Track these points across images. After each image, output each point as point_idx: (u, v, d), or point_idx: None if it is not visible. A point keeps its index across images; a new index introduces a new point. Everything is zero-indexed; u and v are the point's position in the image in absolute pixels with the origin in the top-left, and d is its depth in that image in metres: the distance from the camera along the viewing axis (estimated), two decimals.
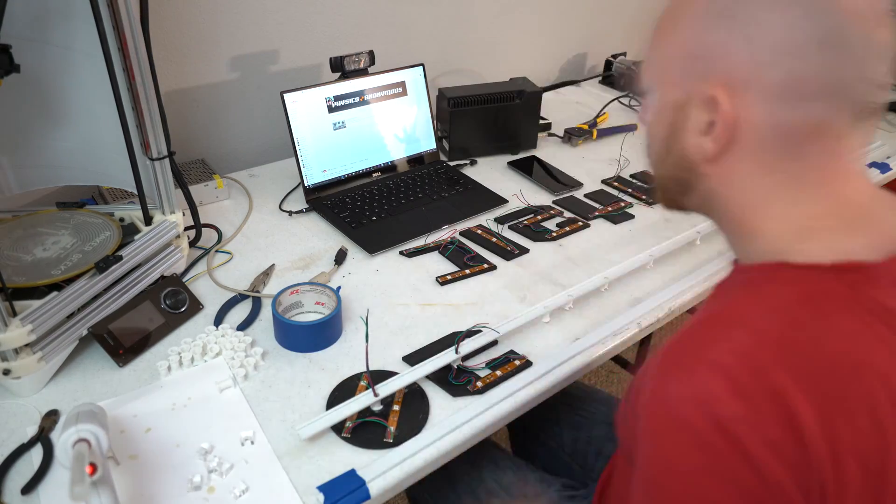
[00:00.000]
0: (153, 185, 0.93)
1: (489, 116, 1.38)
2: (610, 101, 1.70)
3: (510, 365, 0.85)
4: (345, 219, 1.15)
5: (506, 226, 1.17)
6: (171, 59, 1.22)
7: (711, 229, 1.11)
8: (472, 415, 0.77)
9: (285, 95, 1.15)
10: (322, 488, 0.68)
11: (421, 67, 1.31)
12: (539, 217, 1.19)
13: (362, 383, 0.82)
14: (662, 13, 0.55)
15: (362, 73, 1.24)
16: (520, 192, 1.27)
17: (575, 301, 0.96)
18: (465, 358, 0.85)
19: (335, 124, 1.22)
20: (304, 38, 1.36)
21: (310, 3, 1.34)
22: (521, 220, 1.18)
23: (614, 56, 1.85)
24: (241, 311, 0.93)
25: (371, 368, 0.80)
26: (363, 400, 0.77)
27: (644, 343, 1.60)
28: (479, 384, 0.82)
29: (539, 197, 1.27)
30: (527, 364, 0.85)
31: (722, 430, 0.43)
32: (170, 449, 0.73)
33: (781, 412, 0.43)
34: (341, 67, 1.21)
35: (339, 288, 0.93)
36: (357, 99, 1.24)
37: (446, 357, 0.83)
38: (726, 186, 0.53)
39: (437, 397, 0.81)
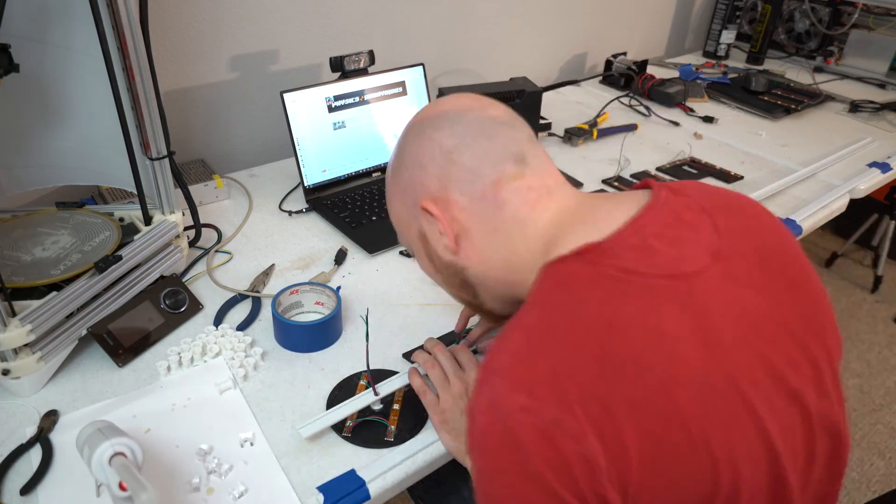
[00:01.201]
0: (153, 185, 0.93)
1: None
2: (610, 101, 1.70)
3: None
4: (345, 219, 1.15)
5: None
6: (171, 59, 1.22)
7: None
8: None
9: (285, 95, 1.15)
10: (322, 488, 0.68)
11: (421, 67, 1.31)
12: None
13: (362, 382, 0.82)
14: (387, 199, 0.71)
15: (362, 73, 1.24)
16: None
17: None
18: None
19: (335, 124, 1.22)
20: (304, 38, 1.36)
21: (310, 3, 1.34)
22: None
23: (614, 56, 1.85)
24: (240, 311, 0.93)
25: (371, 367, 0.80)
26: (364, 399, 0.77)
27: None
28: None
29: None
30: None
31: (507, 426, 0.50)
32: (169, 450, 0.72)
33: (554, 393, 0.50)
34: (341, 67, 1.21)
35: (339, 288, 0.93)
36: (357, 99, 1.24)
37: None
38: (479, 261, 0.65)
39: None
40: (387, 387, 0.79)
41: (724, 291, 0.55)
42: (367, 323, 0.79)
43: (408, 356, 0.86)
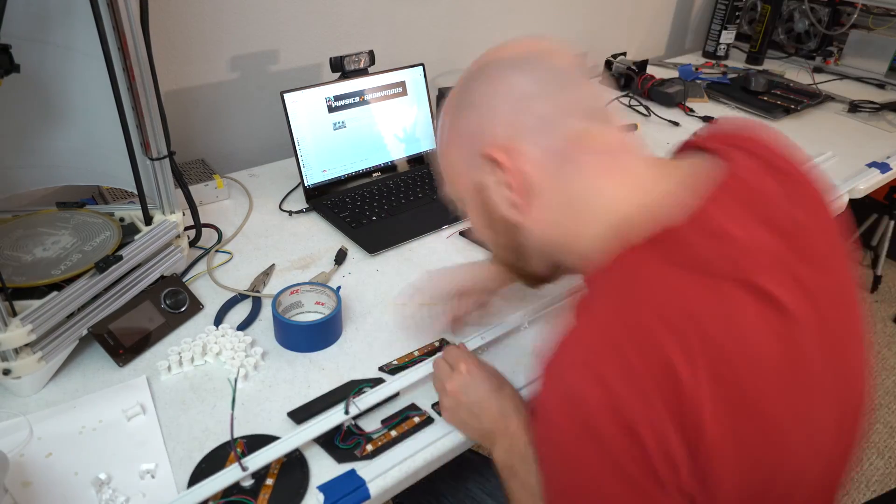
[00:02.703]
0: (153, 185, 0.93)
1: None
2: (609, 102, 1.70)
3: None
4: (345, 219, 1.15)
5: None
6: (171, 59, 1.22)
7: None
8: None
9: (285, 95, 1.15)
10: (322, 488, 0.68)
11: (421, 67, 1.31)
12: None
13: (234, 453, 0.69)
14: (436, 146, 0.68)
15: (362, 73, 1.24)
16: None
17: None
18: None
19: (335, 124, 1.22)
20: (304, 38, 1.36)
21: (310, 3, 1.34)
22: None
23: (614, 56, 1.85)
24: (241, 311, 0.93)
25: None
26: (230, 475, 0.67)
27: None
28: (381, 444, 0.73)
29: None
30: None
31: (586, 423, 0.49)
32: (66, 477, 0.68)
33: (637, 388, 0.48)
34: (341, 67, 1.21)
35: (339, 288, 0.93)
36: (357, 99, 1.24)
37: (335, 418, 0.74)
38: (543, 223, 0.61)
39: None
40: (259, 458, 0.68)
41: (790, 290, 0.54)
42: (234, 388, 0.75)
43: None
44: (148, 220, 0.94)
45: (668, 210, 0.55)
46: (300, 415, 0.76)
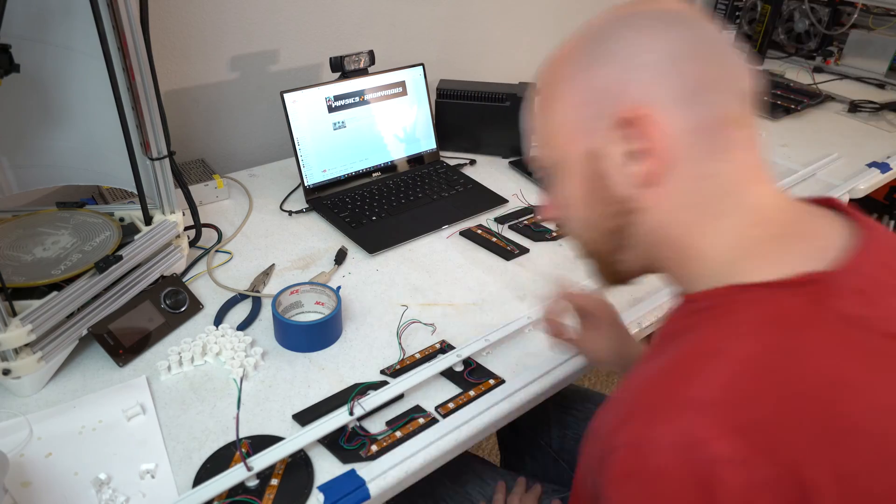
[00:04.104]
0: (153, 185, 0.93)
1: (476, 114, 1.38)
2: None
3: (484, 385, 0.82)
4: (345, 219, 1.15)
5: (506, 225, 1.17)
6: (171, 59, 1.22)
7: None
8: (472, 414, 0.77)
9: (285, 95, 1.15)
10: (322, 488, 0.68)
11: (421, 67, 1.31)
12: (539, 217, 1.19)
13: (239, 453, 0.70)
14: (535, 101, 0.58)
15: (362, 73, 1.24)
16: (520, 192, 1.27)
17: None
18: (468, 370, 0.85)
19: (335, 124, 1.22)
20: (304, 38, 1.36)
21: (310, 3, 1.34)
22: (521, 219, 1.18)
23: None
24: (241, 311, 0.93)
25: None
26: (235, 475, 0.66)
27: (644, 343, 1.60)
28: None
29: (539, 197, 1.27)
30: (500, 382, 0.83)
31: (704, 478, 0.40)
32: (66, 478, 0.68)
33: (769, 447, 0.41)
34: (341, 67, 1.21)
35: (339, 288, 0.93)
36: (357, 99, 1.24)
37: (339, 419, 0.74)
38: (662, 211, 0.52)
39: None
40: (264, 459, 0.68)
41: None
42: (239, 388, 0.75)
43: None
44: (148, 220, 0.94)
45: (810, 251, 0.49)
46: (306, 417, 0.76)
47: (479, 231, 1.14)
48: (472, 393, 0.81)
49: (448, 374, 0.83)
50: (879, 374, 0.45)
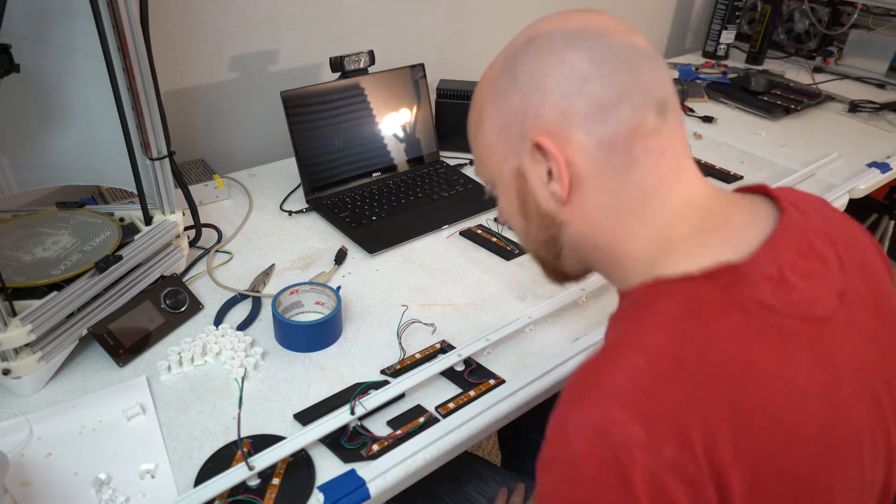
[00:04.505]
0: (153, 185, 0.93)
1: None
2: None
3: (485, 385, 0.82)
4: (345, 219, 1.15)
5: (506, 226, 1.17)
6: (171, 59, 1.22)
7: None
8: (472, 414, 0.77)
9: (285, 95, 1.15)
10: (322, 488, 0.68)
11: (421, 67, 1.31)
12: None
13: (241, 452, 0.70)
14: (469, 121, 0.61)
15: (362, 72, 1.24)
16: None
17: (581, 298, 0.97)
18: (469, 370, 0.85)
19: (335, 124, 1.22)
20: (304, 38, 1.37)
21: (310, 3, 1.34)
22: None
23: None
24: (241, 311, 0.93)
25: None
26: (236, 474, 0.67)
27: None
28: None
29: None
30: (501, 382, 0.83)
31: (617, 460, 0.44)
32: (66, 478, 0.68)
33: (676, 431, 0.44)
34: (341, 67, 1.21)
35: (339, 288, 0.93)
36: (357, 99, 1.24)
37: (340, 418, 0.74)
38: (585, 222, 0.55)
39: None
40: (266, 458, 0.68)
41: (848, 342, 0.51)
42: (241, 388, 0.75)
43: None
44: (148, 220, 0.94)
45: (722, 244, 0.51)
46: (306, 416, 0.76)
47: (479, 231, 1.14)
48: (472, 393, 0.81)
49: (448, 373, 0.83)
50: (791, 356, 0.48)
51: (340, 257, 1.06)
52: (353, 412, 0.74)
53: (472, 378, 0.83)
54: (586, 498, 0.45)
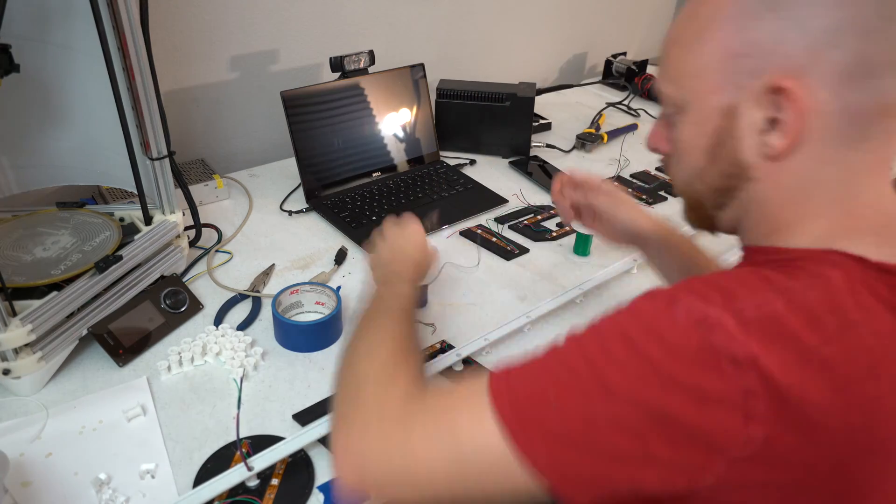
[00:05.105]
0: (153, 185, 0.93)
1: (476, 114, 1.38)
2: (605, 107, 1.70)
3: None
4: (345, 219, 1.15)
5: (506, 226, 1.17)
6: (171, 59, 1.22)
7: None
8: None
9: (285, 95, 1.15)
10: (322, 488, 0.68)
11: (421, 67, 1.31)
12: (539, 217, 1.19)
13: (239, 453, 0.70)
14: (677, 25, 0.53)
15: (362, 72, 1.24)
16: (520, 192, 1.27)
17: (584, 296, 0.97)
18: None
19: (335, 124, 1.22)
20: (304, 38, 1.36)
21: (310, 3, 1.34)
22: (521, 219, 1.18)
23: (614, 56, 1.85)
24: (241, 311, 0.93)
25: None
26: (235, 475, 0.66)
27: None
28: None
29: (539, 197, 1.27)
30: None
31: (712, 349, 0.42)
32: (66, 478, 0.68)
33: (784, 370, 0.41)
34: (341, 67, 1.21)
35: (339, 288, 0.93)
36: (357, 99, 1.24)
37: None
38: (776, 187, 0.50)
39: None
40: (265, 459, 0.68)
41: None
42: (239, 388, 0.75)
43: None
44: (148, 220, 0.94)
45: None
46: (306, 417, 0.76)
47: (479, 231, 1.14)
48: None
49: (448, 373, 0.83)
50: None
51: (340, 257, 1.06)
52: None
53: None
54: (660, 359, 0.43)
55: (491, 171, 1.36)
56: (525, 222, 1.18)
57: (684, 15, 0.53)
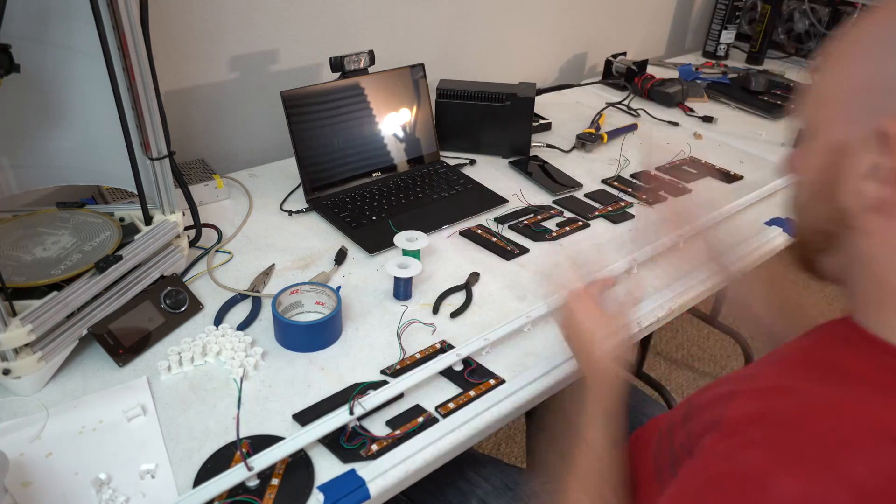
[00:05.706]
0: (153, 185, 0.93)
1: (476, 114, 1.38)
2: (605, 107, 1.70)
3: (484, 385, 0.82)
4: (345, 219, 1.15)
5: (506, 226, 1.17)
6: (171, 59, 1.22)
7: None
8: (472, 414, 0.77)
9: (285, 95, 1.15)
10: (322, 488, 0.68)
11: (421, 67, 1.31)
12: (539, 217, 1.19)
13: (240, 453, 0.70)
14: (843, 38, 0.48)
15: (362, 72, 1.24)
16: (520, 192, 1.27)
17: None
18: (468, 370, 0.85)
19: (335, 124, 1.22)
20: (304, 38, 1.36)
21: (310, 3, 1.34)
22: (521, 219, 1.18)
23: (614, 56, 1.85)
24: (241, 311, 0.93)
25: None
26: (235, 475, 0.66)
27: (644, 343, 1.60)
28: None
29: (539, 197, 1.27)
30: (501, 382, 0.83)
31: None
32: (66, 477, 0.68)
33: None
34: (341, 67, 1.21)
35: (339, 288, 0.93)
36: (357, 99, 1.24)
37: (339, 418, 0.74)
38: (880, 246, 0.45)
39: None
40: (265, 458, 0.68)
41: None
42: (239, 388, 0.75)
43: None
44: (148, 219, 0.94)
45: None
46: (306, 416, 0.76)
47: (479, 231, 1.14)
48: (472, 393, 0.81)
49: (448, 373, 0.83)
50: None
51: (340, 257, 1.06)
52: (351, 412, 0.74)
53: (472, 378, 0.83)
54: None
55: (491, 171, 1.36)
56: (525, 222, 1.18)
57: (843, 35, 0.49)
